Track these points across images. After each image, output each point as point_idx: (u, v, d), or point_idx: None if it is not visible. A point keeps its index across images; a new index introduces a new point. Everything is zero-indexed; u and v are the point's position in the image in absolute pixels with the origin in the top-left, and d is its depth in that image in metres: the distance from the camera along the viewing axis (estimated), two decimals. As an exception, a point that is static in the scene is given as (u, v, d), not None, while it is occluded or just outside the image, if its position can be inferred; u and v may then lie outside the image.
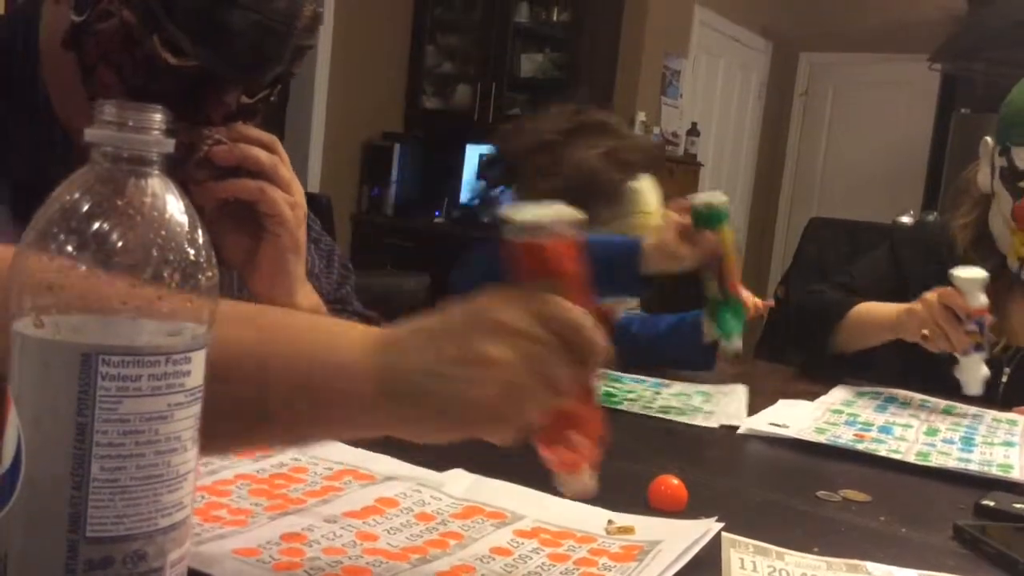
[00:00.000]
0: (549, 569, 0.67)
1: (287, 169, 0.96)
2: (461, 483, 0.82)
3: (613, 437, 0.64)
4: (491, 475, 0.83)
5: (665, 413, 1.25)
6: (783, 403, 1.36)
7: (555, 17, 5.04)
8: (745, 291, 1.43)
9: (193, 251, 0.48)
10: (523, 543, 0.71)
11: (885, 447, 1.17)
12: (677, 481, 0.85)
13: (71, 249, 0.45)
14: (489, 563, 0.67)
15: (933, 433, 1.28)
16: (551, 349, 0.58)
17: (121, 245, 0.45)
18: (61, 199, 0.46)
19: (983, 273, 1.42)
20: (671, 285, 1.38)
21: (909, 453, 1.14)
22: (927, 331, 1.44)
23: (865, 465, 1.10)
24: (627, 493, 0.82)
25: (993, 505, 0.93)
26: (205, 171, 0.92)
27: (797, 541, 0.78)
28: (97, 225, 0.45)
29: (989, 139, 1.63)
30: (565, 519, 0.75)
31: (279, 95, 0.97)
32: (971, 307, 1.40)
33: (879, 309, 1.59)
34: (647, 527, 0.75)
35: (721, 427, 1.21)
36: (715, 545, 0.74)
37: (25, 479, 0.45)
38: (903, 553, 0.80)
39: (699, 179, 5.58)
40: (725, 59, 6.17)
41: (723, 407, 1.31)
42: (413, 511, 0.76)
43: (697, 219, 1.29)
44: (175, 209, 0.48)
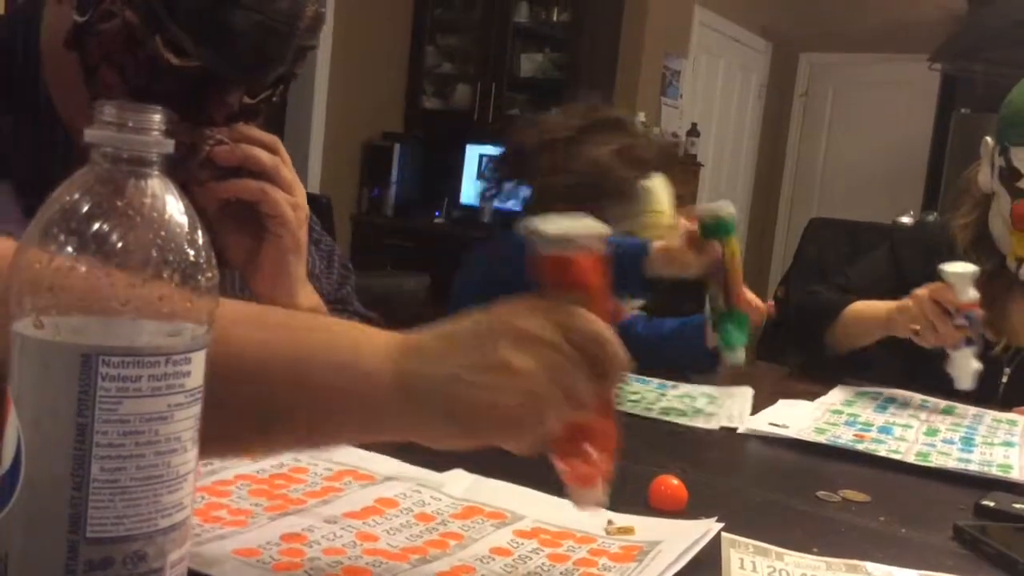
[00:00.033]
0: (549, 569, 0.67)
1: (289, 170, 0.96)
2: (461, 483, 0.82)
3: (613, 437, 0.64)
4: (491, 475, 0.83)
5: (665, 415, 1.25)
6: (783, 403, 1.36)
7: (555, 17, 5.04)
8: (750, 294, 1.43)
9: (193, 252, 0.48)
10: (523, 543, 0.71)
11: (885, 447, 1.17)
12: (677, 481, 0.86)
13: (71, 250, 0.45)
14: (489, 563, 0.67)
15: (933, 433, 1.28)
16: (573, 361, 0.58)
17: (121, 246, 0.45)
18: (61, 200, 0.46)
19: (972, 268, 1.42)
20: (676, 290, 1.38)
21: (909, 453, 1.14)
22: (917, 326, 1.45)
23: (865, 465, 1.10)
24: (627, 493, 0.82)
25: (993, 505, 0.93)
26: (207, 171, 0.92)
27: (797, 541, 0.78)
28: (97, 226, 0.45)
29: (989, 139, 1.63)
30: (565, 519, 0.75)
31: (280, 95, 0.97)
32: (960, 301, 1.40)
33: (872, 307, 1.59)
34: (647, 527, 0.75)
35: (721, 429, 1.21)
36: (715, 545, 0.74)
37: (25, 480, 0.45)
38: (903, 553, 0.80)
39: (699, 180, 5.58)
40: (725, 59, 6.17)
41: (726, 409, 1.31)
42: (413, 511, 0.76)
43: (704, 229, 1.29)
44: (175, 210, 0.48)
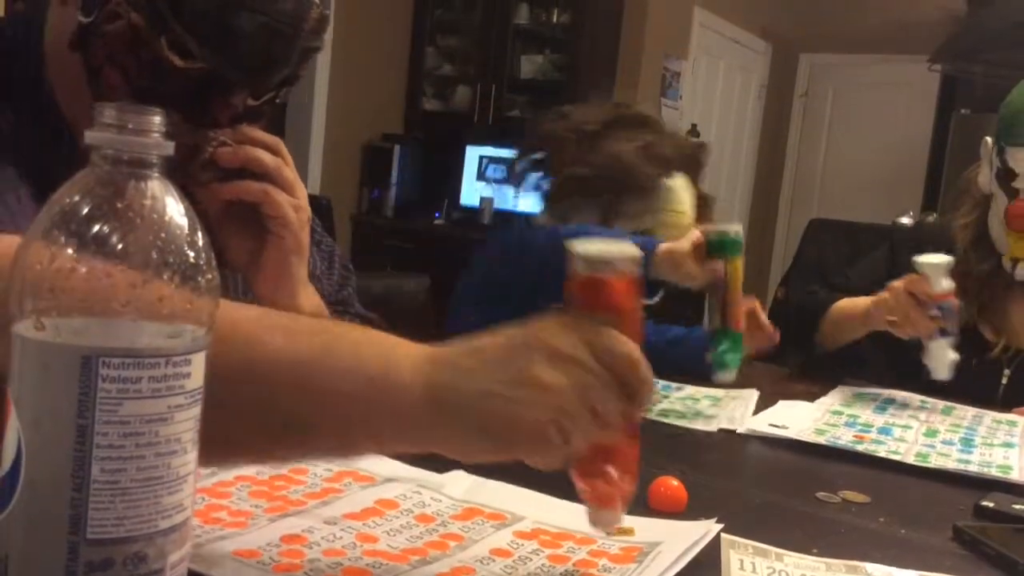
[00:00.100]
0: (549, 570, 0.67)
1: (291, 171, 0.96)
2: (461, 484, 0.82)
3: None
4: (491, 477, 0.83)
5: (664, 417, 1.25)
6: (783, 404, 1.36)
7: (555, 19, 5.04)
8: (764, 317, 1.44)
9: (193, 253, 0.48)
10: (523, 544, 0.71)
11: (884, 448, 1.17)
12: (677, 482, 0.86)
13: (71, 251, 0.45)
14: (489, 564, 0.67)
15: (933, 434, 1.28)
16: (603, 381, 0.58)
17: (121, 247, 0.46)
18: (61, 201, 0.46)
19: (946, 258, 1.43)
20: (683, 298, 1.38)
21: (908, 454, 1.14)
22: (893, 318, 1.46)
23: (865, 466, 1.10)
24: (627, 494, 0.82)
25: (992, 506, 0.93)
26: (209, 173, 0.92)
27: (796, 542, 0.78)
28: (97, 227, 0.46)
29: (989, 139, 1.64)
30: (565, 520, 0.75)
31: (283, 97, 0.97)
32: (934, 292, 1.41)
33: (854, 303, 1.60)
34: (647, 528, 0.75)
35: (719, 431, 1.21)
36: (715, 546, 0.74)
37: (25, 481, 0.45)
38: (903, 554, 0.80)
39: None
40: (725, 60, 6.17)
41: (728, 411, 1.31)
42: (413, 512, 0.76)
43: (709, 245, 1.30)
44: (175, 211, 0.48)
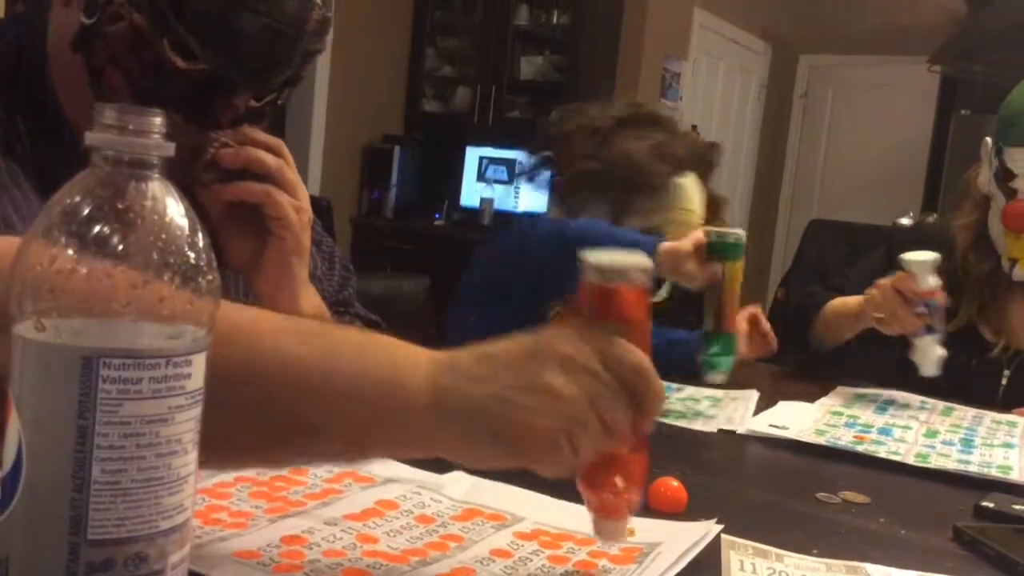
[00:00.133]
0: (549, 571, 0.67)
1: (293, 172, 0.96)
2: (461, 485, 0.82)
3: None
4: (491, 477, 0.83)
5: (664, 417, 1.25)
6: (783, 404, 1.36)
7: (555, 20, 5.04)
8: (766, 325, 1.44)
9: (193, 254, 0.48)
10: (523, 545, 0.71)
11: (885, 449, 1.17)
12: (677, 483, 0.86)
13: (72, 252, 0.45)
14: (489, 565, 0.67)
15: (933, 435, 1.28)
16: (613, 391, 0.59)
17: (122, 248, 0.46)
18: (62, 202, 0.46)
19: (932, 256, 1.43)
20: (686, 301, 1.38)
21: (909, 455, 1.14)
22: (881, 314, 1.47)
23: (865, 467, 1.11)
24: (627, 495, 0.82)
25: (992, 507, 0.93)
26: (211, 174, 0.92)
27: (797, 543, 0.78)
28: (98, 228, 0.46)
29: (989, 140, 1.64)
30: (565, 521, 0.75)
31: (285, 98, 0.97)
32: (919, 289, 1.42)
33: (846, 302, 1.61)
34: (647, 529, 0.75)
35: (719, 431, 1.21)
36: (715, 547, 0.74)
37: (26, 482, 0.45)
38: (903, 555, 0.80)
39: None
40: (725, 61, 6.17)
41: (728, 412, 1.31)
42: (413, 513, 0.76)
43: (710, 247, 1.31)
44: (175, 212, 0.48)
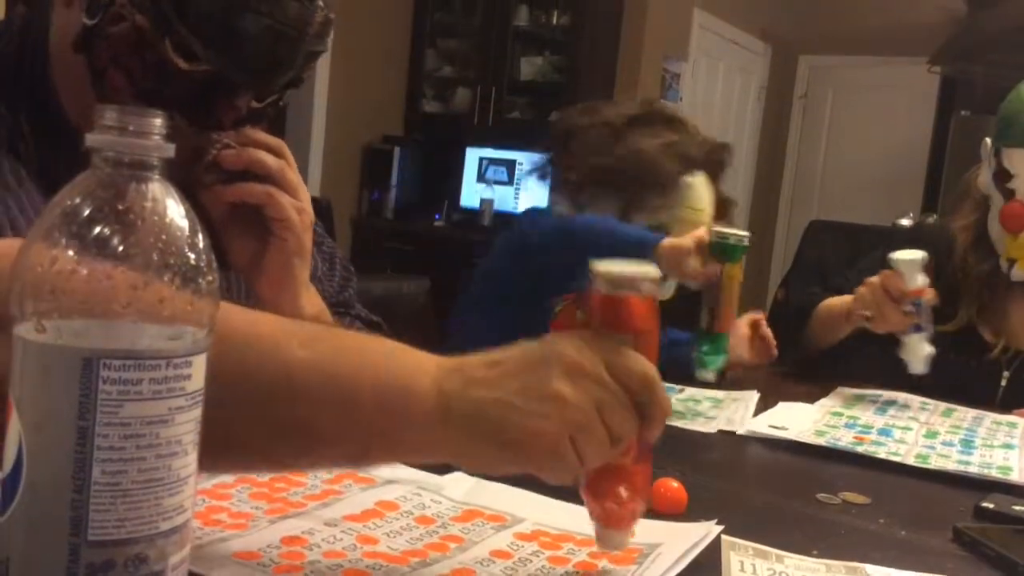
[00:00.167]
0: (549, 572, 0.67)
1: (294, 173, 0.96)
2: (461, 486, 0.82)
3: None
4: (491, 478, 0.83)
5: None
6: (783, 405, 1.36)
7: (555, 20, 5.04)
8: (767, 330, 1.44)
9: (194, 255, 0.48)
10: (523, 546, 0.71)
11: (885, 449, 1.17)
12: (677, 484, 0.86)
13: (72, 253, 0.45)
14: (489, 566, 0.67)
15: (933, 436, 1.28)
16: (620, 400, 0.59)
17: (122, 249, 0.46)
18: (62, 203, 0.46)
19: (920, 255, 1.44)
20: (687, 301, 1.39)
21: (909, 455, 1.14)
22: (869, 313, 1.48)
23: (865, 467, 1.11)
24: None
25: (993, 507, 0.93)
26: (213, 175, 0.92)
27: (797, 544, 0.78)
28: (98, 229, 0.46)
29: (988, 141, 1.64)
30: (565, 522, 0.75)
31: (285, 99, 0.97)
32: (907, 288, 1.42)
33: (837, 301, 1.61)
34: (647, 530, 0.75)
35: (718, 432, 1.21)
36: (715, 548, 0.74)
37: (27, 483, 0.45)
38: (903, 555, 0.80)
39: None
40: (725, 62, 6.17)
41: (729, 413, 1.31)
42: (413, 514, 0.76)
43: (710, 246, 1.31)
44: (175, 213, 0.48)
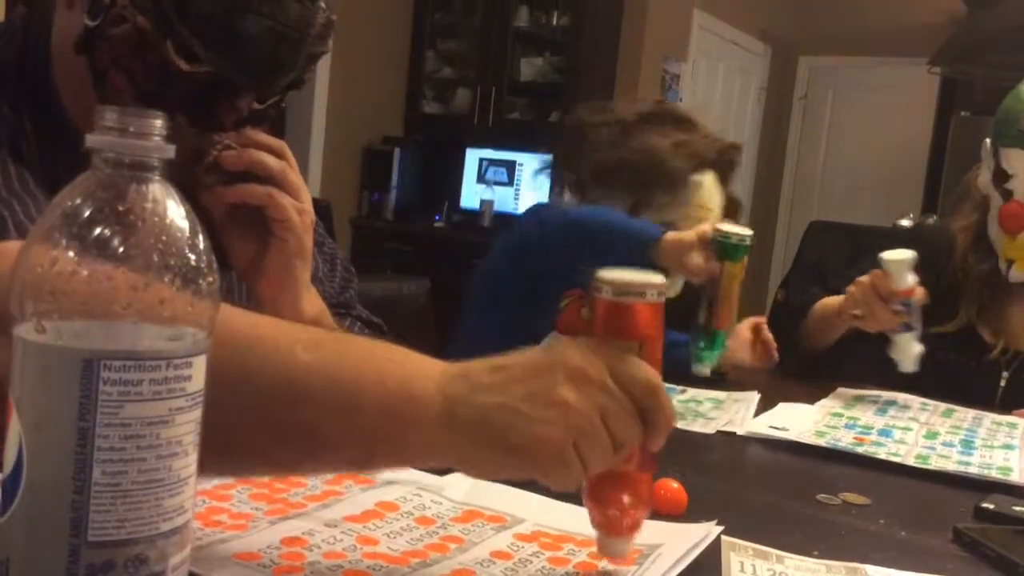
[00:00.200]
0: (549, 573, 0.67)
1: (295, 174, 0.96)
2: (461, 487, 0.82)
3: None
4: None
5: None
6: (783, 406, 1.36)
7: (555, 21, 5.04)
8: (768, 334, 1.44)
9: (194, 256, 0.48)
10: (523, 547, 0.71)
11: (885, 450, 1.17)
12: (677, 484, 0.86)
13: (72, 254, 0.45)
14: (489, 567, 0.67)
15: (933, 436, 1.28)
16: (625, 408, 0.59)
17: (122, 250, 0.46)
18: (63, 204, 0.47)
19: (909, 254, 1.44)
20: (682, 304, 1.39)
21: (909, 456, 1.14)
22: (859, 312, 1.48)
23: (865, 468, 1.10)
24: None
25: (993, 508, 0.93)
26: (214, 176, 0.92)
27: (797, 544, 0.78)
28: (98, 230, 0.46)
29: (988, 141, 1.64)
30: (565, 523, 0.75)
31: (286, 100, 0.97)
32: (896, 288, 1.43)
33: (832, 300, 1.62)
34: (647, 531, 0.75)
35: (717, 433, 1.21)
36: (715, 549, 0.74)
37: (27, 484, 0.45)
38: (903, 556, 0.80)
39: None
40: (724, 63, 6.17)
41: (730, 414, 1.31)
42: (413, 515, 0.76)
43: (713, 245, 1.32)
44: (176, 214, 0.48)
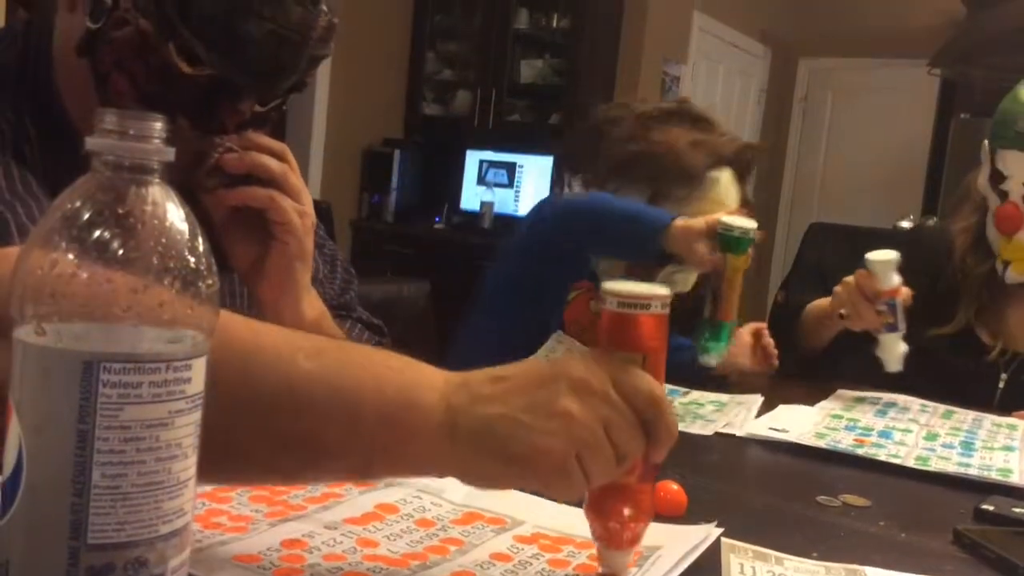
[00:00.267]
0: (549, 574, 0.67)
1: (297, 177, 0.96)
2: (461, 489, 0.81)
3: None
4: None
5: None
6: (783, 408, 1.36)
7: (555, 23, 5.04)
8: (768, 338, 1.45)
9: (193, 259, 0.48)
10: (523, 548, 0.71)
11: (885, 452, 1.17)
12: (677, 486, 0.86)
13: (72, 257, 0.45)
14: (489, 569, 0.67)
15: (933, 438, 1.28)
16: (627, 420, 0.59)
17: (122, 253, 0.46)
18: (63, 207, 0.47)
19: (893, 255, 1.45)
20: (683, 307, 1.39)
21: (909, 458, 1.14)
22: (844, 312, 1.50)
23: (865, 470, 1.11)
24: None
25: (993, 509, 0.93)
26: (215, 179, 0.92)
27: (797, 546, 0.78)
28: (98, 233, 0.46)
29: (987, 143, 1.64)
30: (565, 525, 0.75)
31: (288, 103, 0.97)
32: (881, 288, 1.44)
33: (824, 301, 1.62)
34: (646, 532, 0.75)
35: (715, 434, 1.21)
36: (715, 550, 0.74)
37: (26, 486, 0.46)
38: (903, 558, 0.80)
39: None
40: (724, 65, 6.17)
41: (730, 416, 1.31)
42: (413, 517, 0.76)
43: (718, 237, 1.32)
44: (175, 217, 0.48)
